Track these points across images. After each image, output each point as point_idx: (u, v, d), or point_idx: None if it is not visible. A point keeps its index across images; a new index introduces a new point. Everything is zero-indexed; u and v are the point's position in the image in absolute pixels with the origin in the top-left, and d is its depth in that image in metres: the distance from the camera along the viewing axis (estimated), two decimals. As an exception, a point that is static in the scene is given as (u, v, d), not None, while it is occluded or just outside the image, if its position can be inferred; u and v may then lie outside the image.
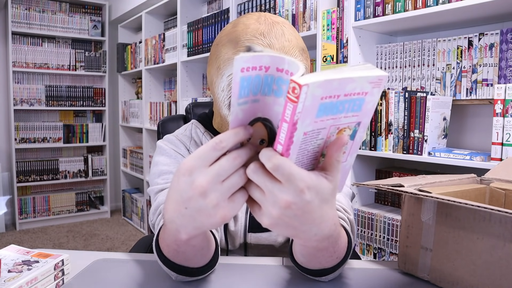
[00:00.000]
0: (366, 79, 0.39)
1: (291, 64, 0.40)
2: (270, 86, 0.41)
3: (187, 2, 2.80)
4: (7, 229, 3.42)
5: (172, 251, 0.59)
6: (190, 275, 0.65)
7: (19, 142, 3.42)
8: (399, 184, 0.64)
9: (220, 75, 0.77)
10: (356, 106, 0.41)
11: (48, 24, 3.53)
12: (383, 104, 1.51)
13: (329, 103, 0.38)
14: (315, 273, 0.65)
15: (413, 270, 0.69)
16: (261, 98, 0.41)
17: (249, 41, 0.73)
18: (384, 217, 1.55)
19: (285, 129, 0.38)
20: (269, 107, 0.42)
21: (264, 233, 0.85)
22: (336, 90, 0.38)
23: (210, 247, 0.62)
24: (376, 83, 0.40)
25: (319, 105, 0.38)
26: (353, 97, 0.40)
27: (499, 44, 1.33)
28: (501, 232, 0.56)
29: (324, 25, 1.73)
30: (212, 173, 0.41)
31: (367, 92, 0.40)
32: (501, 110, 1.21)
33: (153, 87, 3.35)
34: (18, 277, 0.60)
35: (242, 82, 0.39)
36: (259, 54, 0.38)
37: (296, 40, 0.76)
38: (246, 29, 0.75)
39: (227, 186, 0.41)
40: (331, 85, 0.37)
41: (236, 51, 0.74)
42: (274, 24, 0.75)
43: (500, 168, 0.81)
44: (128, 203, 3.66)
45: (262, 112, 0.43)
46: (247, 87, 0.39)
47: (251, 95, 0.40)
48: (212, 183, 0.41)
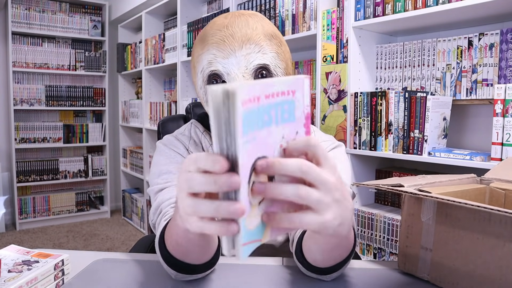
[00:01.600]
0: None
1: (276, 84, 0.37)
2: (262, 118, 0.37)
3: (187, 2, 2.80)
4: (7, 229, 3.42)
5: (173, 245, 0.60)
6: (189, 272, 0.65)
7: (19, 142, 3.42)
8: (399, 184, 0.64)
9: (196, 74, 0.79)
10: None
11: (48, 24, 3.53)
12: (383, 104, 1.51)
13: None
14: (324, 272, 0.65)
15: (413, 270, 0.69)
16: (257, 135, 0.37)
17: (213, 35, 0.74)
18: (384, 217, 1.55)
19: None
20: (264, 142, 0.38)
21: None
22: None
23: (209, 246, 0.62)
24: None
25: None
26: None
27: (499, 44, 1.33)
28: (501, 232, 0.56)
29: (324, 25, 1.73)
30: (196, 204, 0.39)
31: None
32: (501, 110, 1.21)
33: (153, 87, 3.35)
34: (18, 277, 0.60)
35: (244, 119, 0.34)
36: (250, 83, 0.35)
37: (262, 28, 0.75)
38: (212, 25, 0.77)
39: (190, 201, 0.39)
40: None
41: (204, 47, 0.75)
42: (240, 16, 0.76)
43: (500, 168, 0.81)
44: (128, 203, 3.66)
45: (260, 150, 0.38)
46: (247, 124, 0.35)
47: (250, 133, 0.36)
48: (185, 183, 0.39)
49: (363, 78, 1.67)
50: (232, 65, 0.72)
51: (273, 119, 0.38)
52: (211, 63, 0.74)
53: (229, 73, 0.73)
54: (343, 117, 1.67)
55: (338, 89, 1.68)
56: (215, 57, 0.73)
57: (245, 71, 0.72)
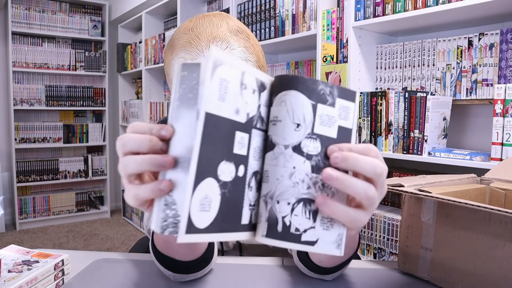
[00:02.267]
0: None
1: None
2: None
3: (187, 2, 2.80)
4: (7, 229, 3.42)
5: (160, 242, 0.61)
6: (184, 271, 0.64)
7: (19, 142, 3.42)
8: (399, 184, 0.64)
9: (170, 81, 0.79)
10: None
11: (48, 24, 3.53)
12: (383, 104, 1.51)
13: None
14: (327, 271, 0.66)
15: (413, 270, 0.69)
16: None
17: (179, 40, 0.74)
18: (384, 217, 1.55)
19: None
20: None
21: None
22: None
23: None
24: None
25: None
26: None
27: (499, 44, 1.33)
28: (501, 232, 0.56)
29: (324, 25, 1.73)
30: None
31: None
32: (501, 110, 1.21)
33: (153, 87, 3.36)
34: (18, 277, 0.60)
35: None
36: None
37: (227, 25, 0.75)
38: (178, 30, 0.77)
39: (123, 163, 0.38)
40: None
41: (172, 52, 0.76)
42: (204, 17, 0.76)
43: (500, 168, 0.81)
44: (128, 203, 3.66)
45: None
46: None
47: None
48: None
49: (363, 78, 1.67)
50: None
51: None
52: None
53: None
54: (343, 117, 1.67)
55: (338, 89, 1.68)
56: (184, 60, 0.73)
57: None
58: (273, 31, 2.02)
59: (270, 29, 2.03)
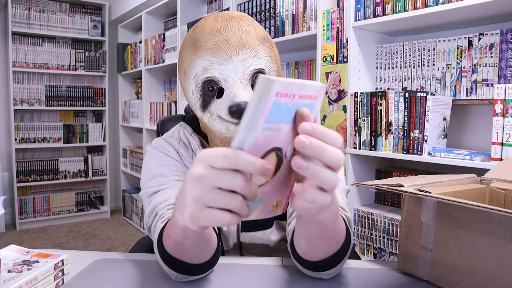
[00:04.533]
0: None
1: (309, 87, 0.40)
2: (290, 114, 0.40)
3: (187, 2, 2.80)
4: (7, 229, 3.42)
5: (172, 244, 0.60)
6: (189, 273, 0.65)
7: (19, 142, 3.42)
8: (399, 184, 0.64)
9: (187, 79, 0.78)
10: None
11: (48, 24, 3.53)
12: (383, 104, 1.51)
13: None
14: (317, 267, 0.65)
15: (413, 270, 0.69)
16: (281, 127, 0.40)
17: (206, 40, 0.73)
18: (384, 217, 1.55)
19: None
20: (285, 136, 0.41)
21: (257, 232, 0.85)
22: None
23: (208, 245, 0.62)
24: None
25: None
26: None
27: (499, 44, 1.33)
28: (501, 232, 0.56)
29: (324, 25, 1.73)
30: (212, 172, 0.40)
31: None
32: (501, 110, 1.21)
33: (153, 87, 3.35)
34: (18, 277, 0.60)
35: (273, 108, 0.37)
36: (289, 80, 0.38)
37: (255, 31, 0.75)
38: (203, 30, 0.75)
39: (215, 195, 0.40)
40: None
41: (196, 52, 0.74)
42: (230, 19, 0.75)
43: (500, 168, 0.81)
44: (128, 203, 3.66)
45: (279, 141, 0.41)
46: (276, 113, 0.38)
47: (275, 123, 0.39)
48: (207, 178, 0.40)
49: (363, 78, 1.67)
50: (229, 71, 0.71)
51: (295, 117, 0.41)
52: (207, 69, 0.73)
53: (226, 79, 0.72)
54: (343, 117, 1.67)
55: (338, 89, 1.68)
56: (210, 63, 0.72)
57: (242, 77, 0.72)
58: (273, 31, 2.02)
59: (270, 29, 2.03)
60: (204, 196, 0.40)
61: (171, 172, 0.79)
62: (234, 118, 0.72)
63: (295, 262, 0.69)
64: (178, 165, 0.82)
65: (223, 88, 0.73)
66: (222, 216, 0.40)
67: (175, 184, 0.77)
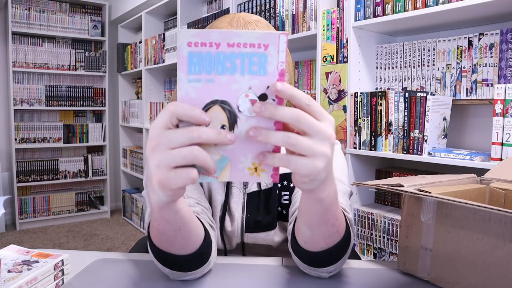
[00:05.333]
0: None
1: (243, 34, 0.39)
2: (223, 64, 0.40)
3: (187, 2, 2.80)
4: (7, 229, 3.42)
5: (156, 234, 0.59)
6: (180, 268, 0.64)
7: (19, 142, 3.42)
8: (399, 184, 0.64)
9: None
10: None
11: (48, 24, 3.53)
12: (383, 104, 1.51)
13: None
14: (317, 259, 0.64)
15: (413, 270, 0.69)
16: (215, 78, 0.40)
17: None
18: (384, 217, 1.55)
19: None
20: (226, 87, 0.40)
21: (261, 233, 0.85)
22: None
23: (191, 230, 0.60)
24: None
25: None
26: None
27: (499, 44, 1.33)
28: (501, 232, 0.56)
29: (324, 25, 1.73)
30: (163, 135, 0.40)
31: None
32: (501, 110, 1.21)
33: (153, 87, 3.36)
34: (18, 277, 0.60)
35: (191, 58, 0.38)
36: (206, 30, 0.38)
37: None
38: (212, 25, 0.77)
39: (173, 153, 0.40)
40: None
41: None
42: (247, 24, 0.75)
43: (500, 168, 0.81)
44: (128, 203, 3.66)
45: (219, 93, 0.40)
46: (198, 64, 0.39)
47: (204, 74, 0.39)
48: (160, 144, 0.40)
49: (363, 78, 1.67)
50: None
51: (238, 68, 0.40)
52: None
53: None
54: (343, 117, 1.67)
55: (338, 89, 1.68)
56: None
57: None
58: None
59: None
60: (163, 158, 0.40)
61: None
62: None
63: (295, 259, 0.68)
64: None
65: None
66: (188, 172, 0.40)
67: None
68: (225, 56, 0.39)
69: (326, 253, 0.63)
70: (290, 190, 0.85)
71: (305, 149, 0.41)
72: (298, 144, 0.41)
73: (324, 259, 0.64)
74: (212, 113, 0.41)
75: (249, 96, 0.41)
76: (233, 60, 0.40)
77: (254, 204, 0.85)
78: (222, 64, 0.40)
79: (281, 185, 0.86)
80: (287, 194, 0.86)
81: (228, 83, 0.40)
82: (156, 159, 0.41)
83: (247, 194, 0.85)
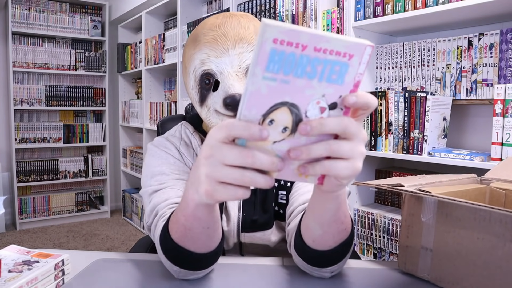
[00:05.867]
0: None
1: (333, 41, 0.37)
2: (304, 68, 0.38)
3: (187, 2, 2.80)
4: (7, 229, 3.42)
5: (180, 230, 0.59)
6: (193, 266, 0.64)
7: (19, 142, 3.42)
8: (399, 184, 0.64)
9: (187, 74, 0.80)
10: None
11: (48, 24, 3.53)
12: (383, 104, 1.51)
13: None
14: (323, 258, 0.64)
15: (413, 270, 0.69)
16: (292, 80, 0.38)
17: (205, 35, 0.75)
18: (384, 217, 1.55)
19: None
20: (300, 91, 0.39)
21: (257, 232, 0.85)
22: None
23: (216, 229, 0.61)
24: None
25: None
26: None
27: (499, 44, 1.33)
28: (501, 232, 0.56)
29: (324, 25, 1.73)
30: (219, 149, 0.41)
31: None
32: (501, 110, 1.21)
33: (153, 87, 3.35)
34: (19, 277, 0.60)
35: (272, 55, 0.36)
36: (296, 28, 0.35)
37: (254, 27, 0.76)
38: (204, 25, 0.78)
39: (224, 171, 0.41)
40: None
41: (196, 46, 0.76)
42: (231, 16, 0.77)
43: (500, 168, 0.81)
44: (128, 203, 3.66)
45: (290, 95, 0.39)
46: (278, 62, 0.37)
47: (281, 74, 0.37)
48: (214, 157, 0.41)
49: (363, 78, 1.67)
50: (225, 64, 0.73)
51: (318, 74, 0.38)
52: (204, 62, 0.75)
53: (222, 71, 0.73)
54: (343, 117, 1.67)
55: (338, 89, 1.68)
56: (208, 56, 0.74)
57: (238, 70, 0.73)
58: (273, 31, 2.02)
59: (270, 29, 2.03)
60: (215, 173, 0.42)
61: (171, 171, 0.80)
62: (228, 111, 0.73)
63: (297, 259, 0.68)
64: (179, 164, 0.82)
65: (219, 81, 0.73)
66: (236, 191, 0.42)
67: (175, 183, 0.77)
68: (309, 60, 0.37)
69: (333, 251, 0.63)
70: (287, 189, 0.85)
71: (346, 153, 0.42)
72: (340, 150, 0.42)
73: (330, 258, 0.64)
74: (278, 113, 0.40)
75: (320, 104, 0.40)
76: (316, 65, 0.38)
77: (250, 203, 0.85)
78: (303, 67, 0.38)
79: (278, 184, 0.86)
80: (284, 194, 0.86)
81: (303, 87, 0.39)
82: (208, 169, 0.42)
83: None
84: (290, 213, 0.77)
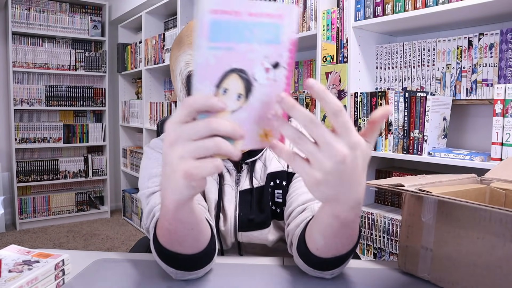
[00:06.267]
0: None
1: (262, 4, 0.40)
2: (242, 33, 0.40)
3: (187, 2, 2.80)
4: (7, 229, 3.42)
5: (165, 234, 0.59)
6: (187, 267, 0.64)
7: (19, 142, 3.42)
8: (399, 184, 0.64)
9: (175, 77, 0.81)
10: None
11: (48, 24, 3.53)
12: (383, 104, 1.51)
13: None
14: (326, 264, 0.64)
15: (413, 270, 0.69)
16: (234, 46, 0.40)
17: (188, 37, 0.76)
18: (384, 217, 1.55)
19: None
20: (244, 56, 0.41)
21: (254, 232, 0.85)
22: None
23: (201, 230, 0.60)
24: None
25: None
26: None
27: (499, 44, 1.33)
28: (501, 231, 0.56)
29: (324, 25, 1.73)
30: (183, 129, 0.41)
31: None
32: (501, 110, 1.21)
33: (153, 87, 3.36)
34: (19, 277, 0.60)
35: (212, 25, 0.38)
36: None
37: None
38: (188, 27, 0.79)
39: (197, 145, 0.41)
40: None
41: (180, 48, 0.77)
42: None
43: (500, 168, 0.81)
44: (128, 203, 3.66)
45: (237, 62, 0.41)
46: (219, 31, 0.39)
47: (224, 42, 0.39)
48: (181, 137, 0.41)
49: (363, 78, 1.67)
50: None
51: (256, 37, 0.41)
52: (189, 63, 0.76)
53: None
54: (343, 117, 1.67)
55: (338, 89, 1.68)
56: (191, 57, 0.75)
57: None
58: (273, 31, 2.02)
59: (270, 29, 2.03)
60: (187, 150, 0.41)
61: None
62: None
63: (299, 261, 0.68)
64: None
65: None
66: (213, 161, 0.41)
67: None
68: (245, 24, 0.40)
69: (336, 258, 0.63)
70: (283, 188, 0.85)
71: (308, 154, 0.41)
72: (303, 146, 0.41)
73: (333, 263, 0.64)
74: (230, 82, 0.41)
75: (264, 65, 0.42)
76: (252, 29, 0.40)
77: (246, 202, 0.85)
78: (241, 32, 0.40)
79: (273, 183, 0.86)
80: (280, 193, 0.86)
81: (246, 51, 0.41)
82: (179, 151, 0.41)
83: (240, 192, 0.85)
84: (289, 213, 0.77)
